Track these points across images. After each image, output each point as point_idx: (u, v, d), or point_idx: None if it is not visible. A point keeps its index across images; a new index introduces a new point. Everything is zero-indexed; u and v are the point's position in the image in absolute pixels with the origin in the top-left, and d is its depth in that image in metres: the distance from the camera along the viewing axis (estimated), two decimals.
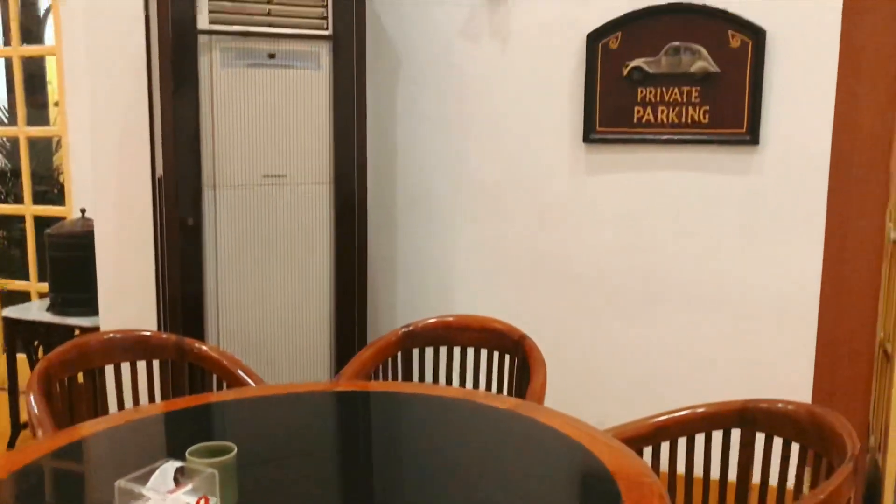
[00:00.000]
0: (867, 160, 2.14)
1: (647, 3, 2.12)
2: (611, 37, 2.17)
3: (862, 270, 2.21)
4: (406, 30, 2.40)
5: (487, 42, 2.31)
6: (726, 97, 2.08)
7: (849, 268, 2.20)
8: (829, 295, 2.15)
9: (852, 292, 2.21)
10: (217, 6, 1.99)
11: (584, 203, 2.27)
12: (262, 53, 2.05)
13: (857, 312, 2.24)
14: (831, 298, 2.17)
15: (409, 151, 2.45)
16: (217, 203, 2.06)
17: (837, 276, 2.18)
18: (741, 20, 2.04)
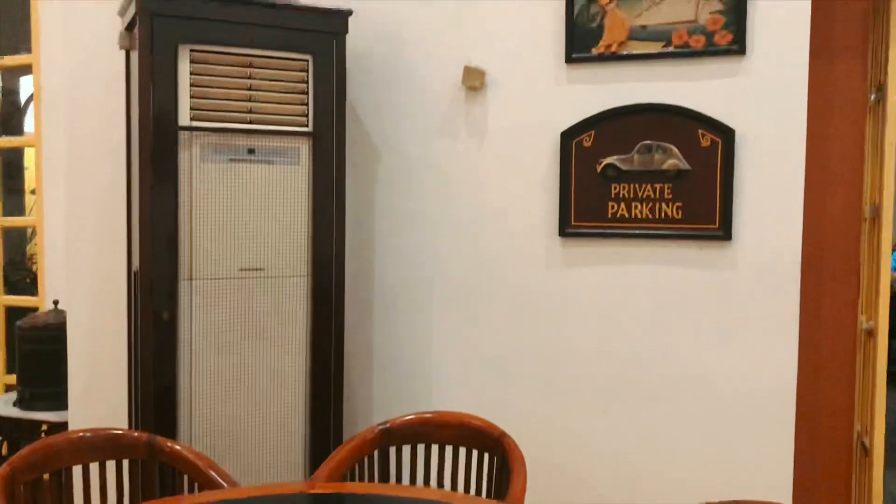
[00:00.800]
0: (837, 254, 2.19)
1: (618, 103, 2.19)
2: (584, 135, 2.22)
3: (837, 363, 2.23)
4: (385, 127, 2.44)
5: (465, 139, 2.36)
6: (698, 194, 2.12)
7: (824, 360, 2.22)
8: (805, 389, 2.16)
9: (829, 385, 2.23)
10: (198, 103, 2.02)
11: (560, 296, 2.28)
12: (242, 149, 2.08)
13: (834, 406, 2.25)
14: (808, 392, 2.18)
15: (386, 244, 2.47)
16: (193, 296, 2.05)
17: (813, 370, 2.20)
18: (710, 120, 2.10)
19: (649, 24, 2.15)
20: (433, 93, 2.39)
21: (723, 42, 2.08)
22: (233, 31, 2.05)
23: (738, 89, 2.09)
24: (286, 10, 2.10)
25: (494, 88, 2.33)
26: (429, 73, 2.39)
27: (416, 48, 2.40)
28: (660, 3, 2.14)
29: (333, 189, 2.16)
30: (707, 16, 2.10)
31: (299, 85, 2.13)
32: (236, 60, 2.06)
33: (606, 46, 2.19)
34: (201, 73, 2.02)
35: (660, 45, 2.14)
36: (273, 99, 2.10)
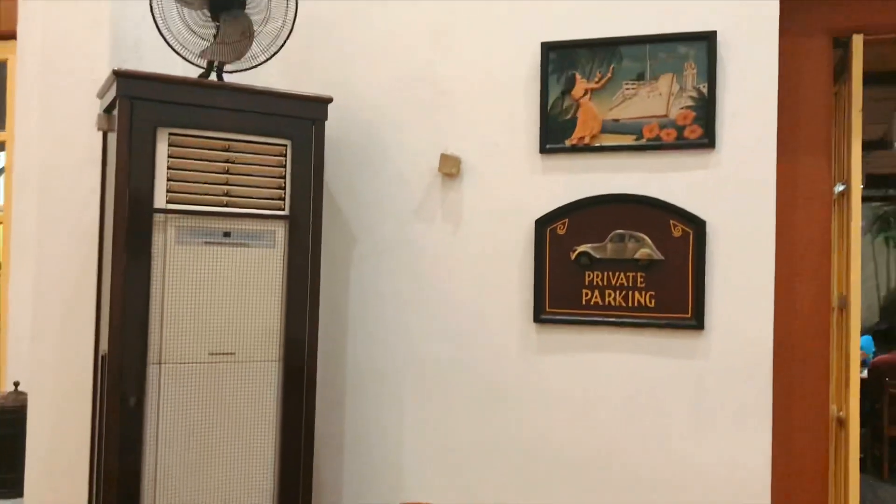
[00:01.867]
0: (807, 344, 2.21)
1: (592, 192, 2.23)
2: (558, 223, 2.25)
3: (809, 452, 2.23)
4: (362, 210, 2.46)
5: (440, 223, 2.38)
6: (671, 283, 2.15)
7: (797, 450, 2.21)
8: (779, 478, 2.15)
9: (802, 475, 2.22)
10: (175, 186, 2.02)
11: (534, 383, 2.27)
12: (218, 232, 2.07)
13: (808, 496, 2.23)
14: (782, 482, 2.17)
15: (360, 327, 2.45)
16: (161, 381, 2.00)
17: (786, 460, 2.19)
18: (682, 211, 2.14)
19: (622, 118, 2.21)
20: (410, 178, 2.42)
21: (693, 136, 2.14)
22: (212, 115, 2.06)
23: (708, 182, 2.14)
24: (267, 96, 2.12)
25: (470, 175, 2.36)
26: (406, 158, 2.42)
27: (394, 134, 2.43)
28: (632, 98, 2.20)
29: (308, 272, 2.15)
30: (678, 111, 2.16)
31: (277, 169, 2.14)
32: (215, 144, 2.07)
33: (580, 138, 2.24)
34: (179, 157, 2.03)
35: (632, 138, 2.20)
36: (250, 182, 2.11)
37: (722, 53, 2.13)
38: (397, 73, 2.43)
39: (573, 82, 2.25)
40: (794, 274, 2.21)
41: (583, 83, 2.25)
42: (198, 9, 2.16)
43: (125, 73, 1.97)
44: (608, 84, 2.22)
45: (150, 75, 2.01)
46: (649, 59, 2.19)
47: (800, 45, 2.20)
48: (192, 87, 2.05)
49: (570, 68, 2.26)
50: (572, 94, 2.25)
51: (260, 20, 2.21)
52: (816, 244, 2.22)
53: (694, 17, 2.16)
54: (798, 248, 2.22)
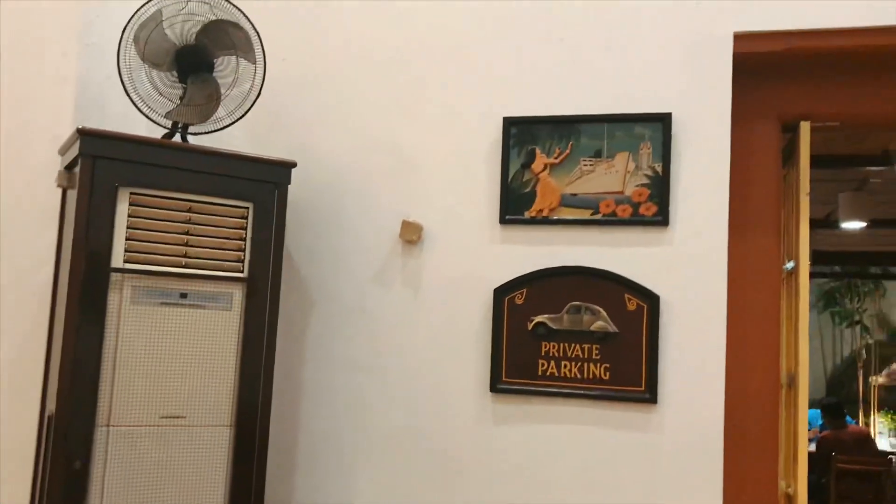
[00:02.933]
0: (758, 419, 2.25)
1: (550, 264, 2.26)
2: (517, 293, 2.28)
3: None
4: (321, 274, 2.46)
5: (399, 290, 2.39)
6: (625, 356, 2.18)
7: None
8: None
9: None
10: (133, 245, 2.01)
11: (490, 453, 2.26)
12: (175, 293, 2.05)
13: None
14: None
15: (314, 393, 2.43)
16: (109, 444, 1.95)
17: None
18: (636, 285, 2.19)
19: (579, 193, 2.26)
20: (371, 244, 2.43)
21: (648, 213, 2.20)
22: (175, 176, 2.07)
23: (662, 257, 2.19)
24: (230, 159, 2.14)
25: (431, 243, 2.39)
26: (367, 224, 2.44)
27: (356, 200, 2.45)
28: (589, 174, 2.26)
29: (265, 336, 2.14)
30: (633, 188, 2.22)
31: (238, 231, 2.14)
32: (176, 205, 2.07)
33: (539, 211, 2.29)
34: (139, 216, 2.02)
35: (589, 213, 2.25)
36: (210, 244, 2.10)
37: (677, 134, 2.21)
38: (362, 140, 2.47)
39: (533, 157, 2.31)
40: (745, 349, 2.25)
41: (542, 158, 2.30)
42: (166, 70, 2.18)
43: (89, 131, 1.97)
44: (567, 160, 2.28)
45: (114, 135, 2.02)
46: (607, 138, 2.26)
47: (751, 129, 2.29)
48: (155, 148, 2.06)
49: (531, 143, 2.32)
50: (532, 168, 2.31)
51: (228, 83, 2.24)
52: (766, 320, 2.27)
53: (650, 99, 2.24)
54: (749, 324, 2.27)
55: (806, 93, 2.30)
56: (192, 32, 2.17)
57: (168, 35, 2.15)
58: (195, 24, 2.17)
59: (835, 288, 11.05)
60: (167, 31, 2.15)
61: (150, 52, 2.13)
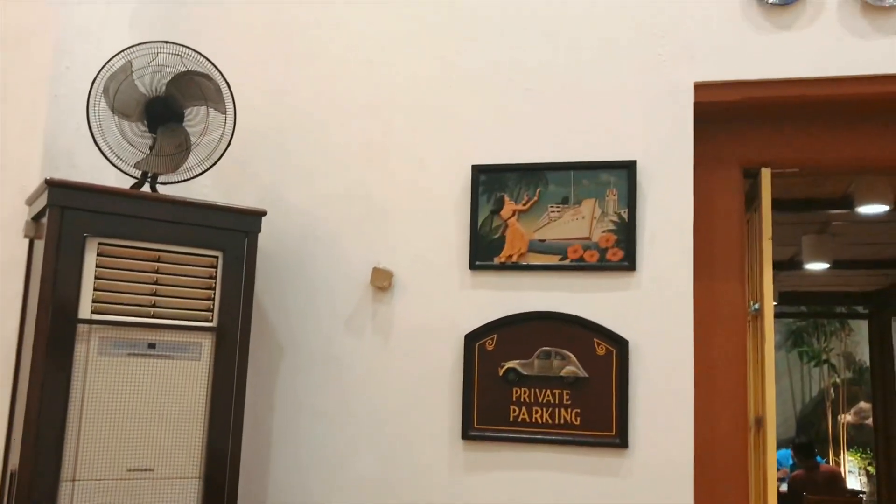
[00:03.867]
0: (726, 462, 2.26)
1: (520, 309, 2.28)
2: (487, 338, 2.29)
3: None
4: (291, 322, 2.45)
5: (370, 337, 2.39)
6: (595, 401, 2.19)
7: None
8: None
9: None
10: (101, 296, 1.99)
11: (462, 501, 2.25)
12: (143, 343, 2.04)
13: None
14: None
15: (284, 442, 2.41)
16: (74, 499, 1.91)
17: None
18: (605, 330, 2.21)
19: (548, 238, 2.29)
20: (341, 290, 2.44)
21: (615, 258, 2.23)
22: (143, 226, 2.06)
23: (629, 302, 2.22)
24: (200, 209, 2.14)
25: (401, 290, 2.39)
26: (338, 271, 2.45)
27: (326, 248, 2.46)
28: (557, 220, 2.29)
29: (234, 386, 2.12)
30: (600, 234, 2.26)
31: (207, 280, 2.13)
32: (144, 255, 2.06)
33: (508, 256, 2.31)
34: (107, 266, 2.01)
35: (557, 258, 2.28)
36: (179, 293, 2.09)
37: (641, 181, 2.25)
38: (332, 187, 2.49)
39: (502, 203, 2.34)
40: (713, 392, 2.28)
41: (511, 205, 2.33)
42: (136, 121, 2.19)
43: (57, 182, 1.97)
44: (535, 206, 2.32)
45: (83, 185, 2.01)
46: (573, 185, 2.30)
47: (713, 176, 2.34)
48: (124, 198, 2.06)
49: (499, 190, 2.35)
50: (501, 215, 2.34)
51: (198, 132, 2.25)
52: (733, 363, 2.30)
53: (615, 146, 2.29)
54: (716, 366, 2.30)
55: (766, 140, 2.36)
56: (163, 83, 2.19)
57: (138, 86, 2.17)
58: (165, 75, 2.19)
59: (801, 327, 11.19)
60: (137, 82, 2.16)
61: (119, 102, 2.14)
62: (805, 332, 11.17)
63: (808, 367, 11.39)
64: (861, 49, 2.18)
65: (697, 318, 2.21)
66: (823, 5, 2.23)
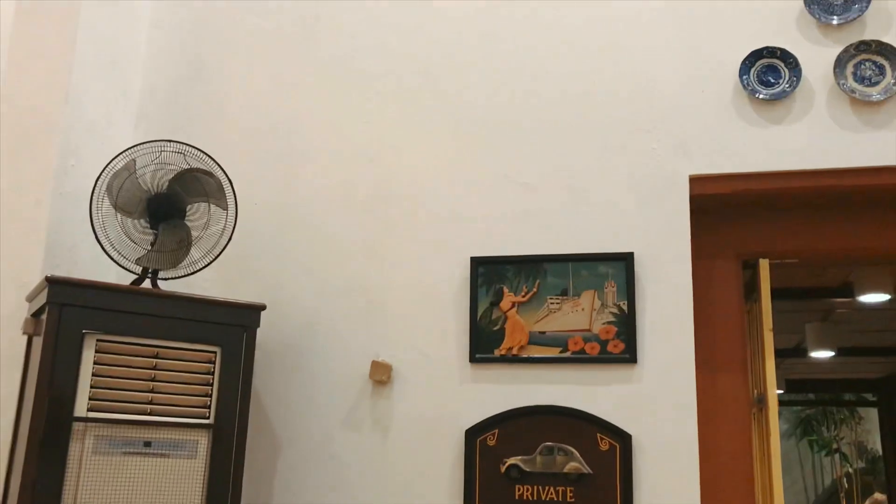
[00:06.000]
0: None
1: (521, 403, 2.25)
2: (488, 434, 2.26)
3: None
4: (289, 417, 2.42)
5: (369, 433, 2.35)
6: (600, 498, 2.14)
7: None
8: None
9: None
10: (98, 393, 1.98)
11: None
12: (139, 441, 2.01)
13: None
14: None
15: None
16: None
17: None
18: (608, 424, 2.18)
19: (548, 331, 2.29)
20: (340, 384, 2.41)
21: (616, 351, 2.22)
22: (143, 322, 2.06)
23: (631, 395, 2.20)
24: (198, 304, 2.14)
25: (401, 383, 2.37)
26: (336, 364, 2.43)
27: (326, 341, 2.45)
28: (556, 312, 2.29)
29: (230, 485, 2.08)
30: (600, 326, 2.25)
31: (205, 376, 2.12)
32: (142, 351, 2.05)
33: (508, 349, 2.30)
34: (105, 363, 2.00)
35: (557, 351, 2.26)
36: (176, 390, 2.08)
37: (640, 273, 2.26)
38: (331, 281, 2.49)
39: (501, 295, 2.34)
40: (719, 486, 2.23)
41: (510, 296, 2.34)
42: (138, 217, 2.22)
43: (57, 279, 1.98)
44: (534, 298, 2.32)
45: (83, 282, 2.03)
46: (572, 277, 2.30)
47: (712, 266, 2.35)
48: (123, 294, 2.07)
49: (498, 282, 2.35)
50: (500, 307, 2.34)
51: (199, 227, 2.27)
52: (738, 456, 2.26)
53: (613, 238, 2.30)
54: (721, 460, 2.25)
55: (763, 231, 2.38)
56: (165, 180, 2.22)
57: (141, 183, 2.20)
58: (168, 172, 2.23)
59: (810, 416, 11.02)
60: (140, 179, 2.20)
61: (122, 200, 2.17)
62: (815, 420, 10.99)
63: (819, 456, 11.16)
64: (851, 142, 2.22)
65: (701, 410, 2.18)
66: (813, 100, 2.28)
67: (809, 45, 2.31)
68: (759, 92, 2.29)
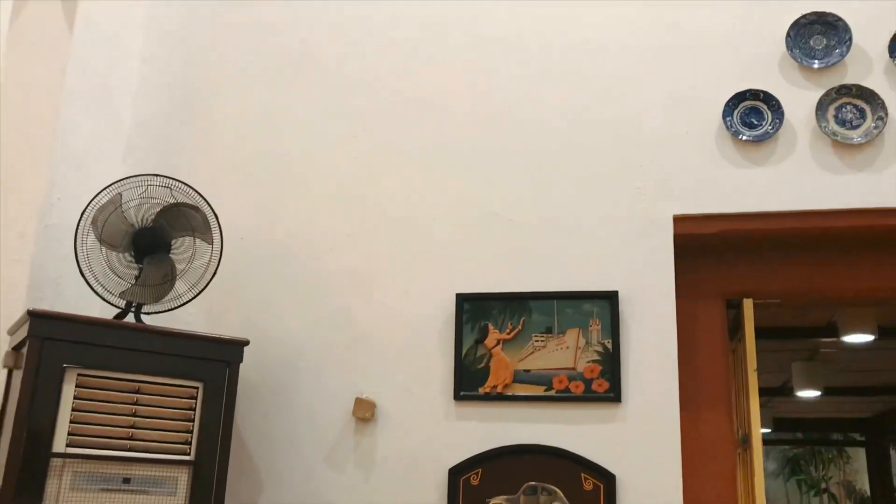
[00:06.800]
0: None
1: (505, 442, 2.24)
2: (472, 473, 2.24)
3: None
4: (271, 454, 2.39)
5: (352, 471, 2.33)
6: None
7: None
8: None
9: None
10: (77, 429, 1.95)
11: None
12: (118, 478, 1.98)
13: None
14: None
15: None
16: None
17: None
18: (592, 464, 2.17)
19: (533, 369, 2.28)
20: (323, 422, 2.39)
21: (600, 389, 2.22)
22: (124, 356, 2.04)
23: (616, 435, 2.19)
24: (180, 338, 2.13)
25: (384, 420, 2.36)
26: (320, 402, 2.41)
27: (310, 377, 2.44)
28: (541, 350, 2.29)
29: None
30: (585, 364, 2.25)
31: (186, 412, 2.10)
32: (123, 386, 2.03)
33: (493, 386, 2.29)
34: (85, 398, 1.98)
35: (542, 389, 2.26)
36: (157, 426, 2.05)
37: (624, 311, 2.26)
38: (316, 317, 2.49)
39: (486, 332, 2.34)
40: None
41: (495, 333, 2.33)
42: (123, 251, 2.22)
43: (38, 313, 1.97)
44: (519, 335, 2.32)
45: (65, 316, 2.01)
46: (557, 314, 2.30)
47: (696, 306, 2.36)
48: (105, 328, 2.05)
49: (484, 319, 2.35)
50: (485, 344, 2.33)
51: (185, 261, 2.27)
52: (723, 496, 2.25)
53: (598, 277, 2.31)
54: (706, 500, 2.24)
55: (746, 271, 2.40)
56: (151, 214, 2.22)
57: (126, 217, 2.20)
58: (154, 206, 2.23)
59: (798, 455, 10.98)
60: (125, 213, 2.20)
61: (107, 234, 2.17)
62: (802, 459, 10.95)
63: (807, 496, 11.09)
64: (833, 184, 2.25)
65: (685, 450, 2.17)
66: (796, 142, 2.31)
67: (792, 87, 2.34)
68: (743, 133, 2.32)
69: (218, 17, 2.84)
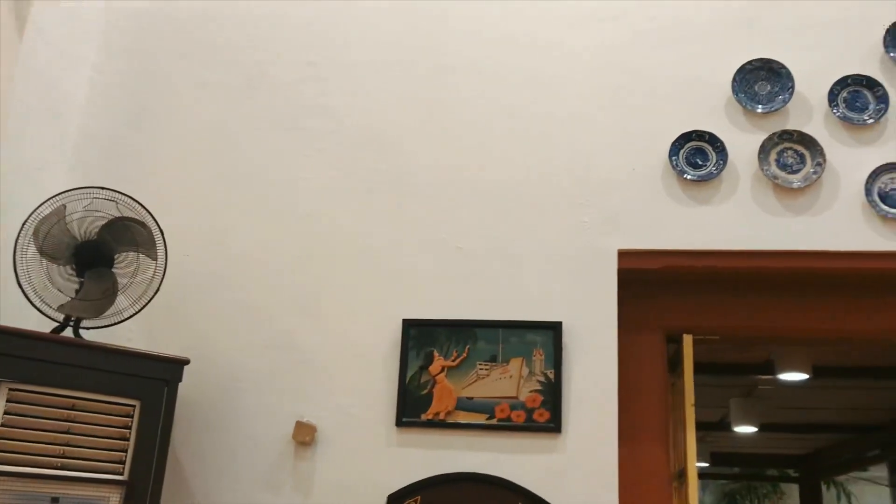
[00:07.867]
0: None
1: (445, 469, 2.24)
2: (411, 500, 2.23)
3: None
4: (206, 476, 2.35)
5: (289, 495, 2.30)
6: None
7: None
8: None
9: None
10: (6, 444, 1.89)
11: None
12: (45, 497, 1.92)
13: None
14: None
15: None
16: None
17: None
18: (531, 495, 2.17)
19: (476, 396, 2.29)
20: (261, 444, 2.36)
21: (541, 419, 2.23)
22: (60, 371, 2.00)
23: (555, 465, 2.20)
24: (118, 355, 2.09)
25: (324, 445, 2.34)
26: (260, 424, 2.38)
27: (250, 398, 2.41)
28: (485, 378, 2.30)
29: None
30: (527, 394, 2.26)
31: (122, 430, 2.05)
32: (57, 402, 1.98)
33: (435, 413, 2.29)
34: (16, 413, 1.92)
35: (484, 417, 2.27)
36: (90, 444, 2.00)
37: (567, 342, 2.29)
38: (260, 338, 2.46)
39: (431, 359, 2.34)
40: None
41: (440, 360, 2.34)
42: (64, 264, 2.17)
43: None
44: (463, 363, 2.32)
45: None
46: (502, 343, 2.32)
47: (637, 339, 2.40)
48: (40, 342, 2.01)
49: (429, 345, 2.36)
50: (430, 370, 2.33)
51: (127, 275, 2.23)
52: None
53: (542, 307, 2.34)
54: None
55: (687, 307, 2.45)
56: (95, 227, 2.19)
57: (70, 230, 2.16)
58: (98, 219, 2.19)
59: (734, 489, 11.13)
60: (69, 226, 2.16)
61: (49, 246, 2.13)
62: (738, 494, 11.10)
63: None
64: (772, 226, 2.32)
65: (622, 482, 2.19)
66: (738, 183, 2.38)
67: (736, 130, 2.42)
68: (687, 173, 2.38)
69: (173, 33, 2.82)
